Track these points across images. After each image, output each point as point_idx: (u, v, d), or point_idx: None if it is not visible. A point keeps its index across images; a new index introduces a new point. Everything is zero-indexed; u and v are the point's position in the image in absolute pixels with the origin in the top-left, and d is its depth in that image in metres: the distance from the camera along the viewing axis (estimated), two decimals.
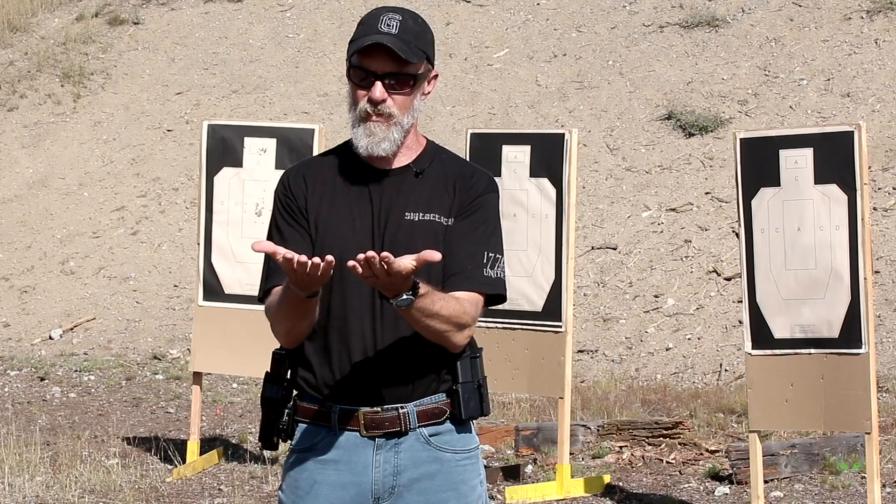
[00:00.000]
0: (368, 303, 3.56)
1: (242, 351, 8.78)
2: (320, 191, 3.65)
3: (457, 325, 3.53)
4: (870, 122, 14.09)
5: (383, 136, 3.58)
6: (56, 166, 17.37)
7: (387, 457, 3.62)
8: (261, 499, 8.24)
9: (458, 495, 3.65)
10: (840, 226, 7.20)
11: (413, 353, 3.58)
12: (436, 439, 3.64)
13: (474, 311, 3.58)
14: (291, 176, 3.70)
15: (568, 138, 8.39)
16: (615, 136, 15.42)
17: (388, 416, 3.60)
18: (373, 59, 3.56)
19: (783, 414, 7.39)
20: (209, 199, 9.01)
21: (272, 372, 3.68)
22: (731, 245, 13.19)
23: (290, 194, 3.66)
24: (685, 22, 16.72)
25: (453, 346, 3.59)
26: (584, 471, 8.69)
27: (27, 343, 14.17)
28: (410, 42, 3.56)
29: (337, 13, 18.80)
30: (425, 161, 3.67)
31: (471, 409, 3.64)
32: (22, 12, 20.28)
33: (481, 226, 3.63)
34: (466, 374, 3.64)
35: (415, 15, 3.62)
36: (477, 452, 3.72)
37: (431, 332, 3.51)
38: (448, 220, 3.61)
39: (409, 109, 3.60)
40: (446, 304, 3.50)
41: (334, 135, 14.67)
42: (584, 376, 12.11)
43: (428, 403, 3.62)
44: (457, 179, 3.65)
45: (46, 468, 8.80)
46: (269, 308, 3.61)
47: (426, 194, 3.62)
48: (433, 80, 3.67)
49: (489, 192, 3.66)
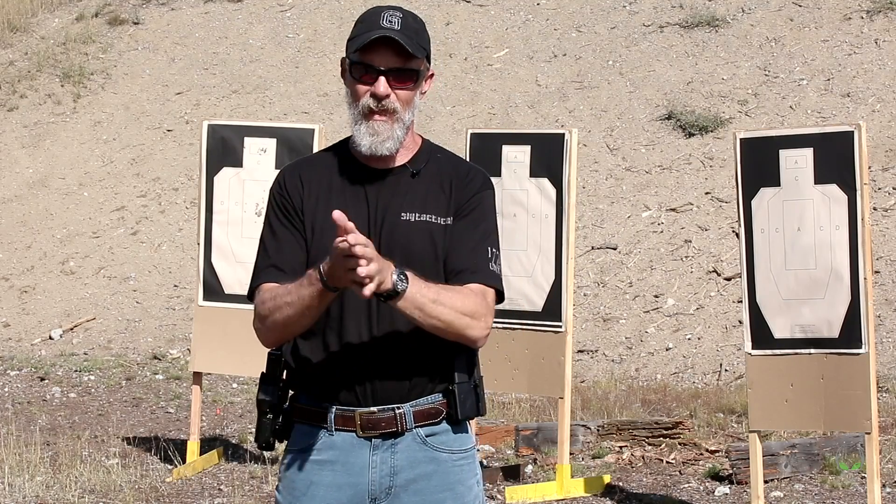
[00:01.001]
0: (364, 304, 3.55)
1: (242, 351, 8.77)
2: (316, 191, 3.64)
3: (467, 314, 3.52)
4: (870, 122, 14.09)
5: (387, 136, 3.57)
6: (56, 166, 17.37)
7: (383, 457, 3.61)
8: (261, 499, 8.24)
9: (454, 495, 3.65)
10: (840, 226, 7.20)
11: (409, 354, 3.58)
12: (432, 439, 3.63)
13: (486, 303, 3.57)
14: (287, 175, 3.69)
15: (568, 138, 8.39)
16: (615, 136, 15.42)
17: (385, 416, 3.59)
18: (376, 55, 3.55)
19: (783, 414, 7.39)
20: (209, 199, 9.01)
21: (267, 373, 3.67)
22: (731, 245, 13.19)
23: (286, 194, 3.65)
24: (685, 22, 16.72)
25: (472, 340, 3.57)
26: (584, 471, 8.69)
27: (27, 343, 14.17)
28: (413, 38, 3.57)
29: (337, 13, 18.80)
30: (421, 161, 3.66)
31: (467, 409, 3.63)
32: (22, 12, 20.28)
33: (482, 223, 3.63)
34: (462, 374, 3.64)
35: (413, 14, 3.63)
36: (473, 452, 3.71)
37: (443, 324, 3.50)
38: (445, 220, 3.61)
39: (410, 106, 3.59)
40: (445, 291, 3.50)
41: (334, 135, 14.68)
42: (584, 376, 12.11)
43: (424, 404, 3.62)
44: (452, 179, 3.65)
45: (46, 468, 8.80)
46: (266, 302, 3.57)
47: (422, 195, 3.62)
48: (430, 79, 3.67)
49: (485, 190, 3.66)
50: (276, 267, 3.60)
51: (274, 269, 3.60)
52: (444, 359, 3.62)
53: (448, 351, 3.60)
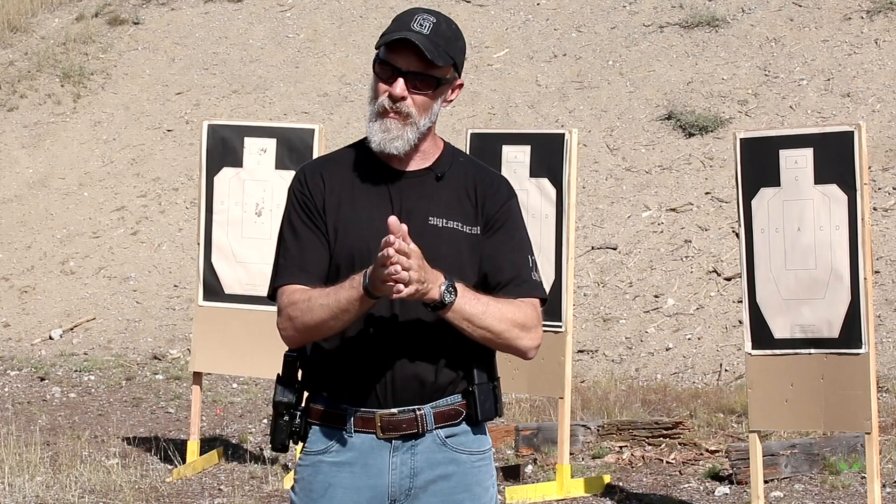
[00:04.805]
0: (386, 305, 3.54)
1: (242, 351, 8.78)
2: (339, 190, 3.61)
3: (518, 325, 3.54)
4: (870, 122, 14.09)
5: (397, 134, 3.56)
6: (56, 166, 17.37)
7: (403, 458, 3.60)
8: (261, 499, 8.23)
9: (472, 496, 3.65)
10: (840, 226, 7.20)
11: (429, 355, 3.57)
12: (452, 441, 3.63)
13: (535, 314, 3.60)
14: (308, 173, 3.66)
15: (568, 138, 8.39)
16: (615, 136, 15.41)
17: (406, 417, 3.58)
18: (399, 56, 3.54)
19: (783, 414, 7.39)
20: (209, 199, 9.01)
21: (284, 374, 3.65)
22: (731, 245, 13.19)
23: (308, 192, 3.62)
24: (685, 22, 16.72)
25: (523, 351, 3.60)
26: (584, 471, 8.69)
27: (27, 343, 14.17)
28: (440, 45, 3.54)
29: (337, 13, 18.80)
30: (444, 164, 3.65)
31: (486, 411, 3.64)
32: (22, 12, 20.28)
33: (516, 233, 3.64)
34: (482, 376, 3.64)
35: (450, 21, 3.60)
36: (490, 454, 3.72)
37: (493, 335, 3.52)
38: (472, 230, 3.60)
39: (427, 112, 3.57)
40: (495, 303, 3.52)
41: (334, 135, 14.69)
42: (584, 376, 12.11)
43: (444, 405, 3.61)
44: (477, 187, 3.64)
45: (46, 468, 8.80)
46: (298, 303, 3.53)
47: (448, 200, 3.61)
48: (458, 88, 3.64)
49: (512, 198, 3.67)
50: (300, 268, 3.58)
51: (297, 270, 3.58)
52: (464, 360, 3.61)
53: (468, 352, 3.60)
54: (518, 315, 3.55)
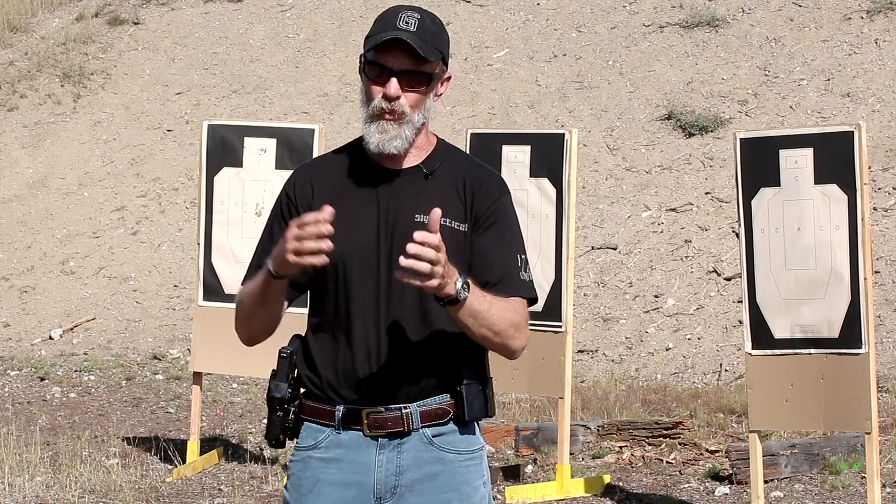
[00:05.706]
0: (372, 303, 3.56)
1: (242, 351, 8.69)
2: (328, 192, 3.62)
3: (513, 325, 3.55)
4: (870, 122, 14.09)
5: (395, 134, 3.56)
6: (56, 166, 17.37)
7: (389, 456, 3.61)
8: (261, 499, 8.23)
9: (460, 496, 3.65)
10: (840, 226, 7.20)
11: (417, 354, 3.58)
12: (439, 440, 3.63)
13: (525, 315, 3.61)
14: (299, 178, 3.68)
15: (568, 138, 8.39)
16: (615, 136, 15.42)
17: (392, 415, 3.59)
18: (389, 56, 3.54)
19: (783, 414, 7.39)
20: (209, 199, 9.01)
21: (278, 370, 3.68)
22: (731, 245, 13.19)
23: (293, 201, 3.65)
24: (685, 22, 16.72)
25: (512, 351, 3.60)
26: (584, 471, 8.69)
27: (27, 343, 14.17)
28: (428, 41, 3.55)
29: (337, 13, 18.80)
30: (435, 161, 3.65)
31: (474, 411, 3.64)
32: (22, 12, 20.29)
33: (507, 232, 3.63)
34: (471, 375, 3.64)
35: (432, 15, 3.61)
36: (481, 453, 3.71)
37: (492, 333, 3.53)
38: (461, 226, 3.60)
39: (421, 108, 3.58)
40: (497, 302, 3.52)
41: (334, 135, 14.68)
42: (584, 376, 12.11)
43: (431, 404, 3.62)
44: (467, 183, 3.63)
45: (46, 468, 8.80)
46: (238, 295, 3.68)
47: (436, 196, 3.60)
48: (446, 81, 3.65)
49: (503, 196, 3.66)
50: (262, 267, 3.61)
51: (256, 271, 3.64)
52: (453, 359, 3.62)
53: (457, 352, 3.61)
54: (514, 316, 3.56)
